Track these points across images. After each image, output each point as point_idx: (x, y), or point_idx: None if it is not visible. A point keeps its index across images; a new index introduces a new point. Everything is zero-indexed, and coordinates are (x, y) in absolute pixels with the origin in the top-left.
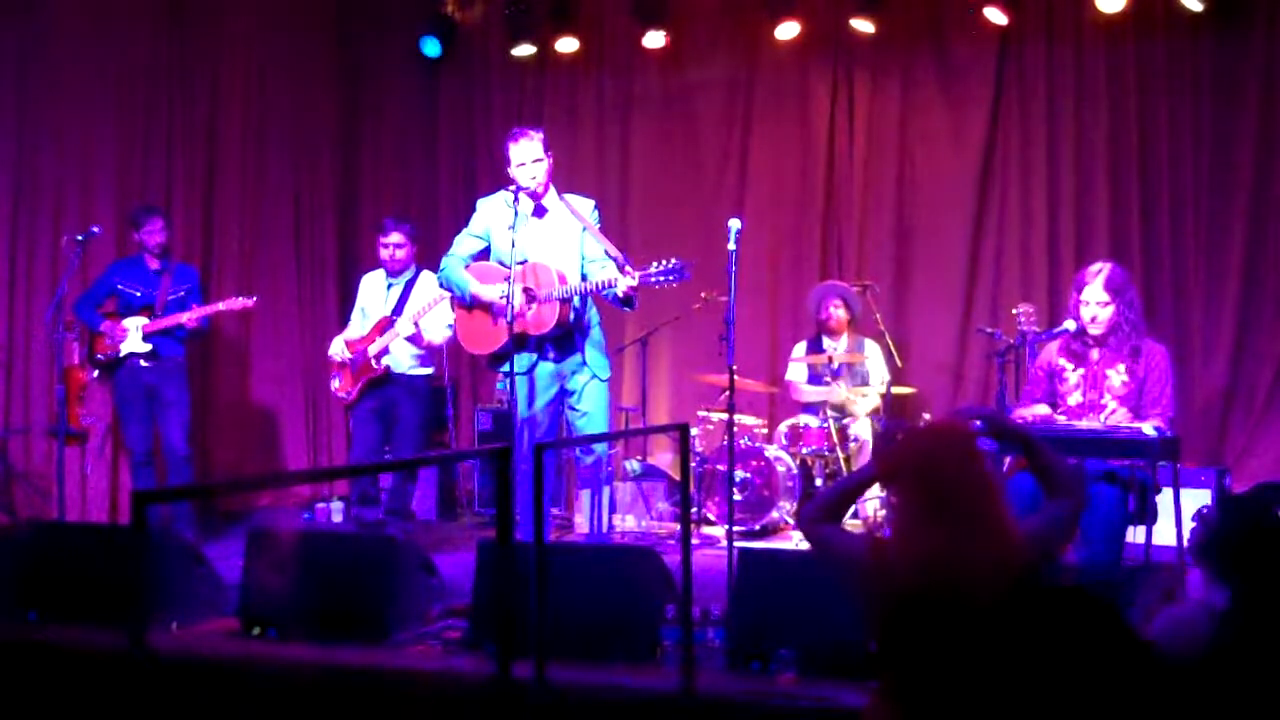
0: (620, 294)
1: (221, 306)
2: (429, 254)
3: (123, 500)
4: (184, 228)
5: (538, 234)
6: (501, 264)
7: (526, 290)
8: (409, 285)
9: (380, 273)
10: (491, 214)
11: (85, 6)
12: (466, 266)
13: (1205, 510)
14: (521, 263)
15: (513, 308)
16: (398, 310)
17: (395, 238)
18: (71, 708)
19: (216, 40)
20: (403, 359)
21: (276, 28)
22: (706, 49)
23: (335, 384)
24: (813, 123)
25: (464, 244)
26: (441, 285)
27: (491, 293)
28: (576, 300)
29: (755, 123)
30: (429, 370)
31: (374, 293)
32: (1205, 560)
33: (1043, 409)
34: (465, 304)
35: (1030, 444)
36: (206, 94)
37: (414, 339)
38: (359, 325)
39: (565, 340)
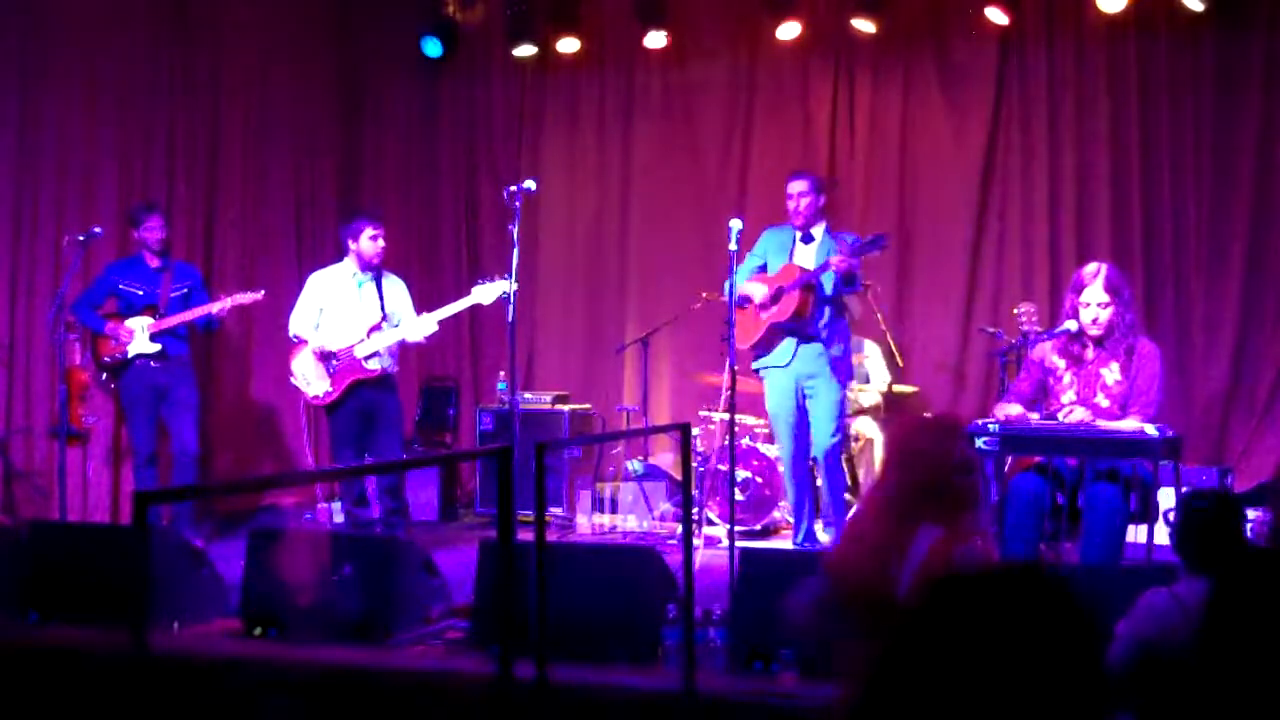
0: (836, 271)
1: (230, 302)
2: (430, 255)
3: (124, 501)
4: (185, 227)
5: (806, 255)
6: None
7: (778, 289)
8: (379, 284)
9: (340, 270)
10: (771, 241)
11: (87, 6)
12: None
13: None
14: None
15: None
16: (383, 312)
17: (380, 233)
18: (72, 708)
19: (218, 40)
20: (386, 359)
21: (278, 27)
22: (708, 49)
23: (308, 381)
24: (814, 123)
25: (747, 263)
26: (724, 296)
27: (753, 290)
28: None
29: (756, 123)
30: (397, 368)
31: (340, 292)
32: (1177, 551)
33: (1015, 408)
34: (740, 305)
35: None
36: (208, 94)
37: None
38: (337, 327)
39: (806, 336)
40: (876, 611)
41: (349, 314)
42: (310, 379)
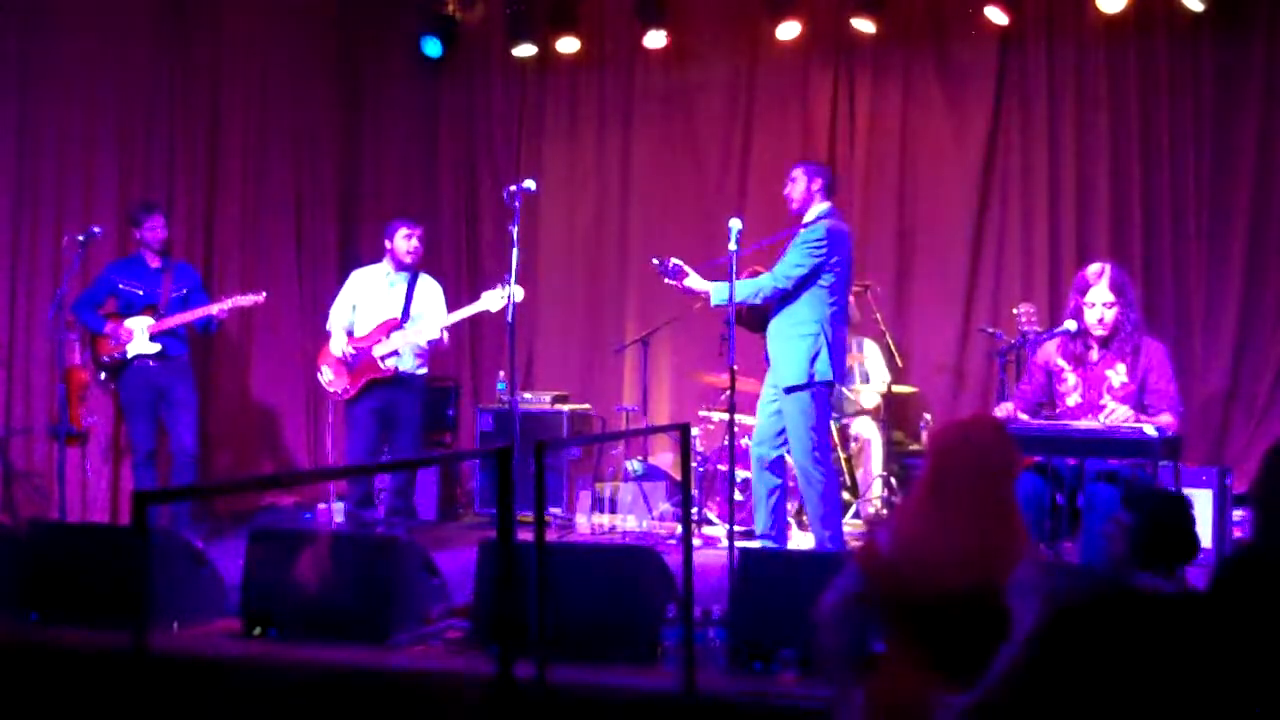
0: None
1: (230, 303)
2: (431, 255)
3: (123, 500)
4: (185, 228)
5: None
6: None
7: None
8: (411, 285)
9: (377, 269)
10: None
11: (87, 7)
12: None
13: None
14: None
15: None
16: (405, 312)
17: (414, 233)
18: (73, 708)
19: (218, 40)
20: (408, 360)
21: (278, 27)
22: (707, 49)
23: (328, 378)
24: (814, 122)
25: None
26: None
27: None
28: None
29: (756, 122)
30: (425, 370)
31: (372, 290)
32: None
33: (1008, 406)
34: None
35: None
36: (208, 94)
37: (436, 343)
38: (361, 323)
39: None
40: (966, 615)
41: (376, 312)
42: (331, 374)
